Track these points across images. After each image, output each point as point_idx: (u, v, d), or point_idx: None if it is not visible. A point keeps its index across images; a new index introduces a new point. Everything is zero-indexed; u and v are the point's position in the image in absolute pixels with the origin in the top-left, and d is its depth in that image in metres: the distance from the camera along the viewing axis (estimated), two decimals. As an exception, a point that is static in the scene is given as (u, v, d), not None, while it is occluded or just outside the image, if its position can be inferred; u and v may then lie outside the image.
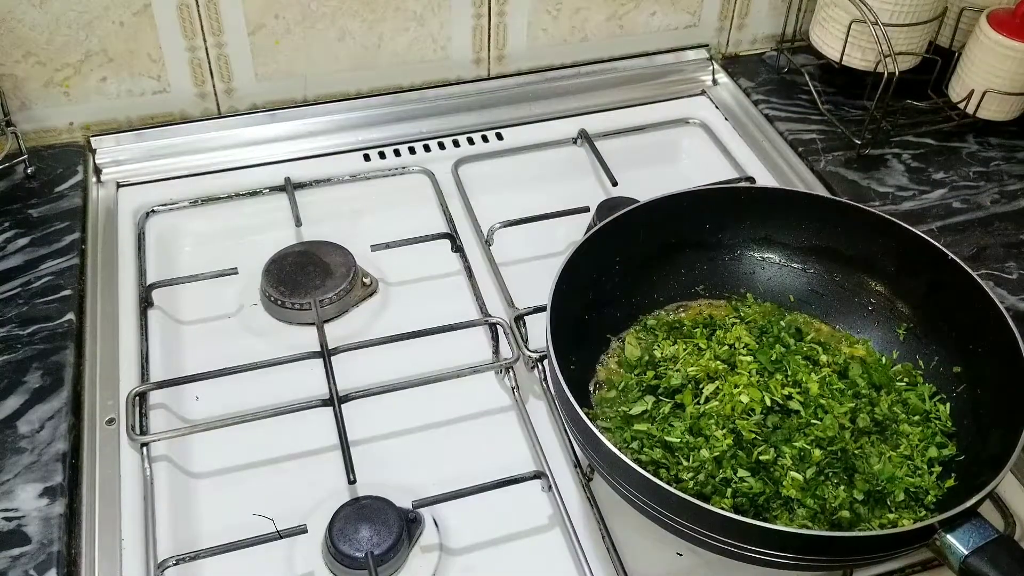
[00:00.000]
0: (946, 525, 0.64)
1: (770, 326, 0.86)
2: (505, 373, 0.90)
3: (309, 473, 0.83)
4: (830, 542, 0.66)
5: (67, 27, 1.04)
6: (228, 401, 0.87)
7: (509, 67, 1.24)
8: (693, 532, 0.67)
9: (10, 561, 0.72)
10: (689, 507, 0.65)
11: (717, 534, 0.66)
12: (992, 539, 0.64)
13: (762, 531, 0.64)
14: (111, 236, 1.03)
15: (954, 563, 0.64)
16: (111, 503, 0.79)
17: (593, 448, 0.70)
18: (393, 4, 1.13)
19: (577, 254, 0.83)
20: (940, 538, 0.64)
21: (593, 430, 0.69)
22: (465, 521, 0.79)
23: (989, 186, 1.09)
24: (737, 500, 0.72)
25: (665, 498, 0.66)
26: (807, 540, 0.66)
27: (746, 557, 0.67)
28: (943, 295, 0.84)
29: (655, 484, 0.66)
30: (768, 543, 0.65)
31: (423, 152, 1.16)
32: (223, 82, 1.14)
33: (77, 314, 0.92)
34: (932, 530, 0.64)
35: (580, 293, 0.85)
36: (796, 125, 1.18)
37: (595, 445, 0.69)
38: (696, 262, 0.94)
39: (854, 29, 1.14)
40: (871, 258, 0.90)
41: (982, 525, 0.64)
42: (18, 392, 0.84)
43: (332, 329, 0.94)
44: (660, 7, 1.25)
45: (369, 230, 1.03)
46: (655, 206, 0.89)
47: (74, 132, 1.12)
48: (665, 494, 0.66)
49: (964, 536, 0.64)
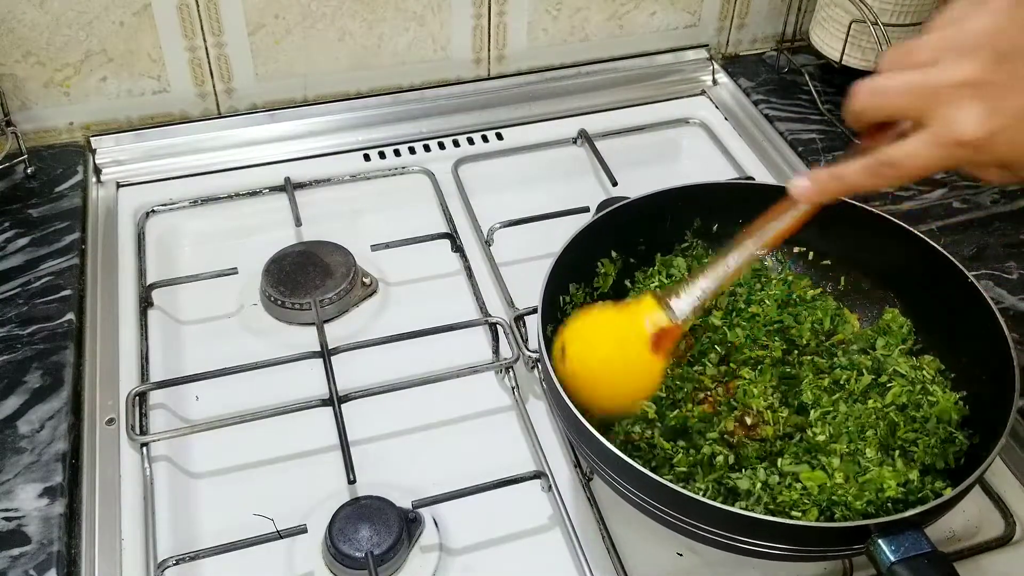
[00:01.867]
0: (882, 530, 0.63)
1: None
2: (505, 373, 0.90)
3: (309, 473, 0.83)
4: (760, 525, 0.66)
5: (67, 27, 1.05)
6: (228, 401, 0.87)
7: (509, 67, 1.24)
8: (675, 519, 0.68)
9: (10, 561, 0.72)
10: (677, 497, 0.66)
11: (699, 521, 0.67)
12: (924, 552, 0.62)
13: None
14: (111, 236, 1.03)
15: (881, 570, 0.63)
16: (111, 503, 0.79)
17: (586, 443, 0.70)
18: (393, 4, 1.13)
19: (566, 252, 0.83)
20: (873, 542, 0.63)
21: (588, 426, 0.69)
22: (465, 521, 0.79)
23: (989, 186, 1.09)
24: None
25: (655, 487, 0.67)
26: (746, 523, 0.65)
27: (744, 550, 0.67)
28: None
29: (649, 477, 0.66)
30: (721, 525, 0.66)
31: (423, 152, 1.16)
32: (223, 82, 1.14)
33: (77, 314, 0.92)
34: (867, 532, 0.64)
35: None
36: (796, 125, 1.18)
37: (587, 439, 0.69)
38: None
39: (854, 29, 1.14)
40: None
41: (919, 538, 0.63)
42: (18, 392, 0.84)
43: (332, 329, 0.94)
44: (660, 7, 1.25)
45: (369, 230, 1.03)
46: (648, 201, 0.89)
47: (74, 132, 1.12)
48: (655, 485, 0.66)
49: (897, 544, 0.63)
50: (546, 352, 0.74)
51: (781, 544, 0.66)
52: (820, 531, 0.67)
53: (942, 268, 0.82)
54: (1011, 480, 0.83)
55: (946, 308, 0.82)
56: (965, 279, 0.80)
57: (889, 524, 0.64)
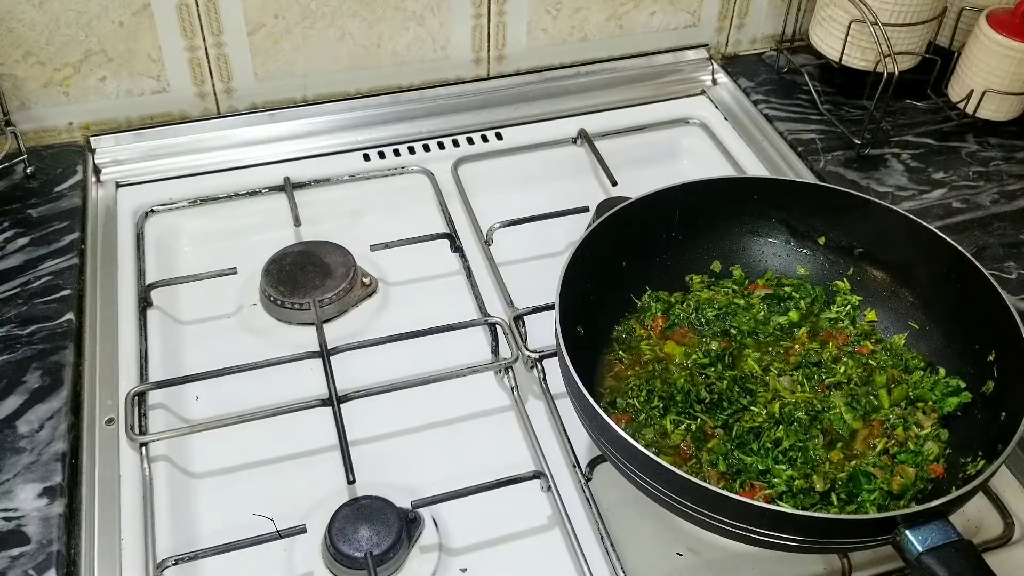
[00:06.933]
0: (908, 521, 0.64)
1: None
2: (504, 373, 0.90)
3: (309, 473, 0.83)
4: (789, 520, 0.66)
5: (66, 27, 1.04)
6: (228, 401, 0.87)
7: (509, 67, 1.24)
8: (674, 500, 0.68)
9: (9, 561, 0.72)
10: (706, 493, 0.66)
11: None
12: (951, 541, 0.64)
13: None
14: (110, 236, 1.03)
15: (909, 559, 0.64)
16: (110, 503, 0.79)
17: (600, 432, 0.71)
18: (393, 4, 1.13)
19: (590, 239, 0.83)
20: (900, 533, 0.64)
21: (606, 419, 0.69)
22: (465, 521, 0.79)
23: (989, 186, 1.09)
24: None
25: (684, 486, 0.67)
26: (774, 517, 0.66)
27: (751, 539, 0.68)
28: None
29: (677, 474, 0.66)
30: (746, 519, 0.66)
31: (422, 152, 1.16)
32: (222, 82, 1.14)
33: (76, 314, 0.92)
34: (894, 523, 0.64)
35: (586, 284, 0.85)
36: (796, 125, 1.18)
37: (602, 428, 0.69)
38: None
39: (854, 29, 1.14)
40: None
41: (945, 527, 0.64)
42: (17, 392, 0.84)
43: (331, 329, 0.94)
44: (660, 7, 1.25)
45: (368, 230, 1.03)
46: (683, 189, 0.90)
47: (73, 132, 1.12)
48: (686, 483, 0.67)
49: (924, 534, 0.64)
50: (563, 341, 0.74)
51: (807, 537, 0.66)
52: (847, 523, 0.67)
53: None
54: (1010, 480, 0.83)
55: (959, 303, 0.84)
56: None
57: (915, 515, 0.64)
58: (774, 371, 0.84)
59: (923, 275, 0.87)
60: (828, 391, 0.83)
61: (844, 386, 0.83)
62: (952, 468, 0.77)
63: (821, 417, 0.80)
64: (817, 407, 0.81)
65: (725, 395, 0.81)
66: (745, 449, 0.77)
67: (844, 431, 0.80)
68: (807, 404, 0.81)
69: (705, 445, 0.78)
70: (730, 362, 0.85)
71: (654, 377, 0.83)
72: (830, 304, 0.91)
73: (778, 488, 0.75)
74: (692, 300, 0.90)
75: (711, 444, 0.78)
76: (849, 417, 0.80)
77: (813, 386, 0.83)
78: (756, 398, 0.82)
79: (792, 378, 0.84)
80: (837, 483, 0.76)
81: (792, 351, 0.87)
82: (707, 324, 0.88)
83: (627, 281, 0.90)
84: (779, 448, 0.77)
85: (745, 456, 0.77)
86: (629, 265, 0.90)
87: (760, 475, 0.76)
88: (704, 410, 0.80)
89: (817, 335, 0.88)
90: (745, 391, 0.82)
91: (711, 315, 0.89)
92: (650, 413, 0.80)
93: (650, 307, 0.90)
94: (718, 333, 0.88)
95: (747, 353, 0.86)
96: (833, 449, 0.78)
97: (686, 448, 0.78)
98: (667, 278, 0.92)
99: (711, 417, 0.80)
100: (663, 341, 0.87)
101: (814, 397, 0.82)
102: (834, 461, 0.77)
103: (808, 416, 0.80)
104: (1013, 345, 0.76)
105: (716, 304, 0.90)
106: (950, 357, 0.84)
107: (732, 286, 0.92)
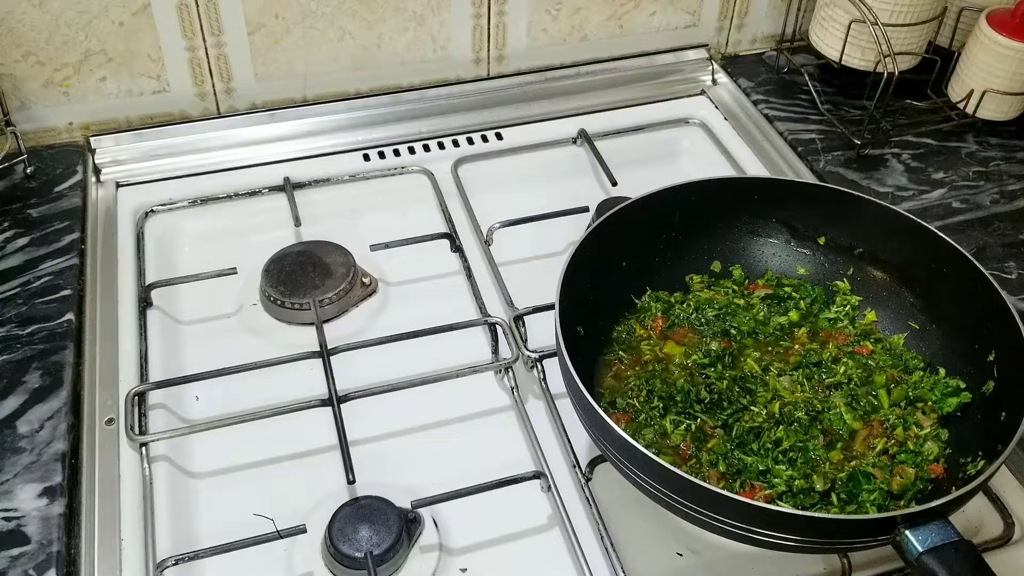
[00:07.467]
0: (908, 521, 0.64)
1: None
2: (504, 373, 0.90)
3: (309, 473, 0.83)
4: (789, 520, 0.66)
5: (66, 27, 1.04)
6: (228, 401, 0.87)
7: (509, 67, 1.24)
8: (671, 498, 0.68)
9: (9, 561, 0.72)
10: (705, 493, 0.66)
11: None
12: (951, 542, 0.64)
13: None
14: (110, 236, 1.03)
15: (909, 559, 0.64)
16: (110, 503, 0.79)
17: (600, 432, 0.71)
18: (393, 4, 1.13)
19: (590, 239, 0.83)
20: (900, 533, 0.64)
21: (606, 419, 0.69)
22: (465, 521, 0.79)
23: (988, 186, 1.09)
24: None
25: (684, 485, 0.67)
26: (774, 517, 0.66)
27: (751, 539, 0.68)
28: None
29: (677, 474, 0.66)
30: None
31: (422, 152, 1.16)
32: (222, 82, 1.14)
33: (76, 314, 0.92)
34: (894, 523, 0.65)
35: (586, 284, 0.85)
36: (796, 125, 1.18)
37: (602, 428, 0.69)
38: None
39: (854, 29, 1.14)
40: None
41: (945, 527, 0.64)
42: (17, 392, 0.84)
43: (331, 329, 0.94)
44: (660, 7, 1.25)
45: (368, 230, 1.03)
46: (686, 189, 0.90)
47: (73, 132, 1.12)
48: (686, 483, 0.67)
49: (924, 535, 0.64)
50: (563, 341, 0.74)
51: (806, 537, 0.66)
52: (847, 523, 0.67)
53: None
54: (1010, 480, 0.83)
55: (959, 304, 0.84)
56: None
57: (915, 515, 0.64)
58: (774, 371, 0.85)
59: (923, 275, 0.87)
60: (828, 391, 0.83)
61: (844, 386, 0.83)
62: (952, 468, 0.77)
63: (821, 417, 0.80)
64: (817, 407, 0.81)
65: (725, 395, 0.81)
66: (745, 449, 0.77)
67: (844, 431, 0.80)
68: (807, 404, 0.81)
69: (705, 445, 0.78)
70: (730, 362, 0.85)
71: (654, 377, 0.83)
72: (830, 304, 0.91)
73: (778, 488, 0.75)
74: (692, 300, 0.91)
75: (711, 444, 0.78)
76: (849, 417, 0.80)
77: (813, 386, 0.83)
78: (756, 398, 0.82)
79: (792, 378, 0.84)
80: (837, 483, 0.76)
81: (792, 351, 0.87)
82: (707, 324, 0.88)
83: (627, 281, 0.90)
84: (779, 448, 0.77)
85: (745, 456, 0.77)
86: (629, 265, 0.90)
87: (760, 475, 0.76)
88: (704, 410, 0.80)
89: (817, 335, 0.89)
90: (745, 391, 0.82)
91: (711, 315, 0.89)
92: (650, 413, 0.80)
93: (650, 307, 0.90)
94: (718, 333, 0.88)
95: (747, 353, 0.86)
96: (833, 449, 0.78)
97: (686, 448, 0.78)
98: (667, 278, 0.92)
99: (711, 417, 0.80)
100: (663, 341, 0.87)
101: (814, 397, 0.82)
102: (834, 461, 0.77)
103: (808, 416, 0.80)
104: (1013, 345, 0.76)
105: (716, 304, 0.90)
106: (950, 357, 0.84)
107: (732, 286, 0.93)
